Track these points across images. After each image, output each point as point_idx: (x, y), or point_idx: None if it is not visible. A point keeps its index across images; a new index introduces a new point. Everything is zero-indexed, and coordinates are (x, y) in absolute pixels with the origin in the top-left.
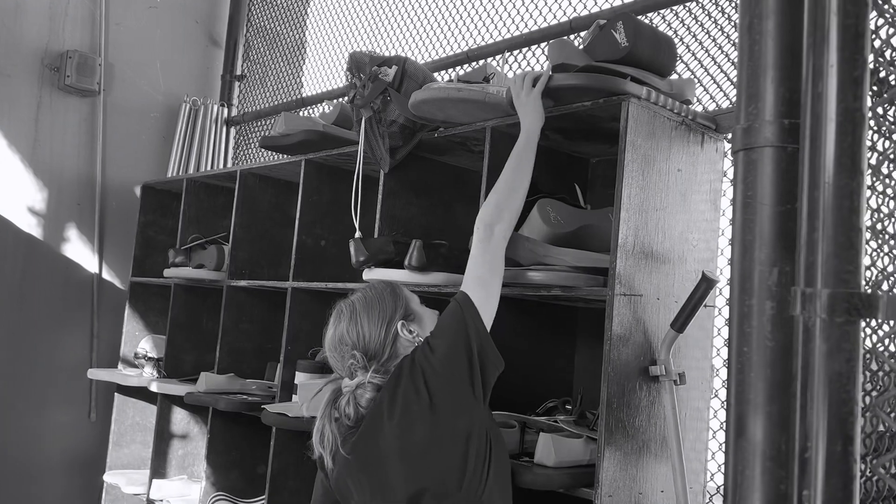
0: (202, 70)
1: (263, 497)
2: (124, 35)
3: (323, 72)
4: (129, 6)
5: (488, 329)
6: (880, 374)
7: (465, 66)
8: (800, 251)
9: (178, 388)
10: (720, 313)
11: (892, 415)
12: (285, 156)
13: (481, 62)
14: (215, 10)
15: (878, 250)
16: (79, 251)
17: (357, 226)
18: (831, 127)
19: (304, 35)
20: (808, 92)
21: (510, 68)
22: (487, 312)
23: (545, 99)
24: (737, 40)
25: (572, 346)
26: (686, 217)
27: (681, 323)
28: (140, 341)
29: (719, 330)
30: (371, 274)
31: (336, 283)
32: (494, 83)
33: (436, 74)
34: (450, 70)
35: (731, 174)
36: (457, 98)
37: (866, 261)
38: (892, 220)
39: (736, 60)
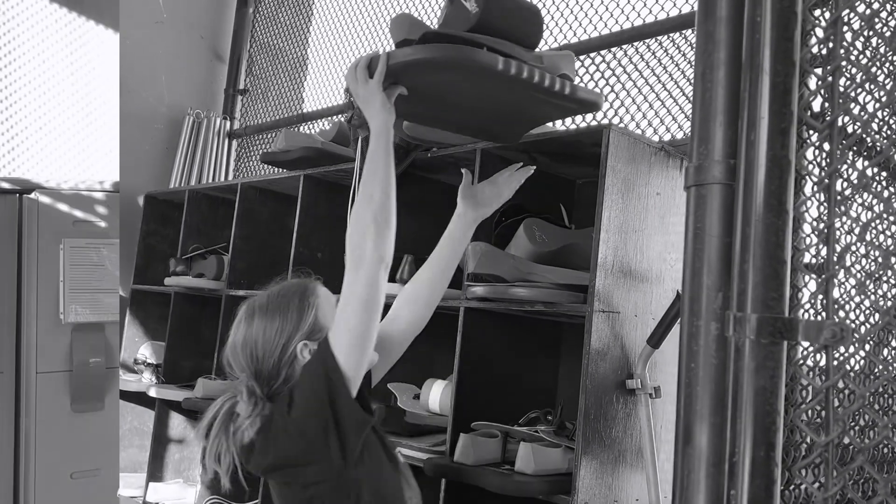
0: (206, 84)
1: (257, 501)
2: (131, 48)
3: (323, 88)
4: (136, 21)
5: (381, 373)
6: (810, 388)
7: None
8: (733, 279)
9: (175, 394)
10: None
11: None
12: (285, 170)
13: None
14: (220, 26)
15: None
16: None
17: None
18: (761, 171)
19: (305, 52)
20: (743, 139)
21: None
22: (356, 359)
23: (395, 86)
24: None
25: (556, 359)
26: (664, 238)
27: (657, 339)
28: (140, 347)
29: None
30: None
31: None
32: None
33: None
34: None
35: None
36: None
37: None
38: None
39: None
